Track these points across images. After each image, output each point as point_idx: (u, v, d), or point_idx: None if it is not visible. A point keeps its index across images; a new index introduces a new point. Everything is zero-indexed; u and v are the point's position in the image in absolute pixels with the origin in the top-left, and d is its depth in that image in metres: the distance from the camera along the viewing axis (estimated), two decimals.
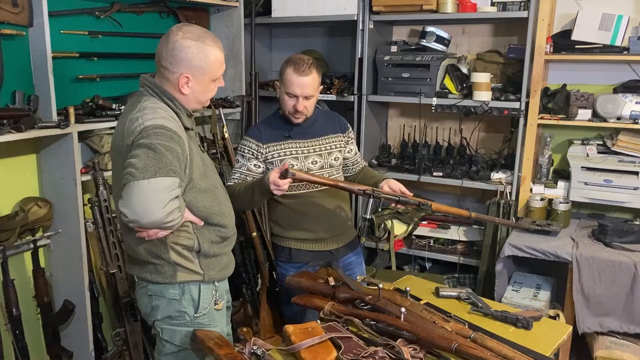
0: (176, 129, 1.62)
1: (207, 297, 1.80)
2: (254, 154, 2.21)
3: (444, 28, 3.23)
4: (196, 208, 1.72)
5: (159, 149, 1.53)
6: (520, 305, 2.64)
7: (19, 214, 2.32)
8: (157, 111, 1.64)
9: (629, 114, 2.80)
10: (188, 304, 1.77)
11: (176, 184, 1.54)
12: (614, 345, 2.60)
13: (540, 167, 3.11)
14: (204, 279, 1.78)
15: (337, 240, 2.33)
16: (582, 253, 2.60)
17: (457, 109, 3.09)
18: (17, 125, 2.11)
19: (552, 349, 1.74)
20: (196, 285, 1.77)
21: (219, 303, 1.84)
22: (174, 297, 1.76)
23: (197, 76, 1.69)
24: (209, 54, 1.68)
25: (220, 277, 1.84)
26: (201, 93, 1.73)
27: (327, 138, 2.29)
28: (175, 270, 1.73)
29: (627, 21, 2.80)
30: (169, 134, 1.58)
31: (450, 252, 3.24)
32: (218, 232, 1.79)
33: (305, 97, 2.14)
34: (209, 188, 1.77)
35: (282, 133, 2.22)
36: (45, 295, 2.44)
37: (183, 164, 1.62)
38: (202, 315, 1.79)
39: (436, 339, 1.61)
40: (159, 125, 1.58)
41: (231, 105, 3.27)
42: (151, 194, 1.48)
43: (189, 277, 1.75)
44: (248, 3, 3.40)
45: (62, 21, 2.52)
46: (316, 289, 1.99)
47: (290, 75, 2.12)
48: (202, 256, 1.77)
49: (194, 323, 1.78)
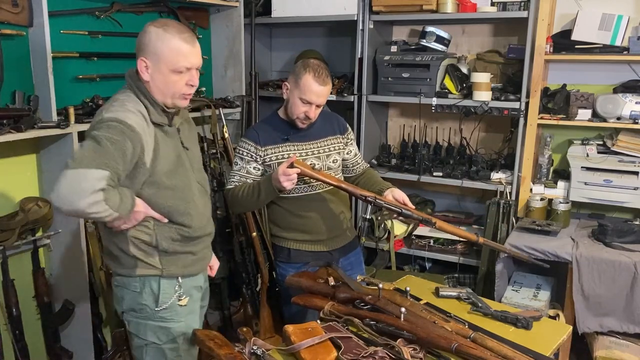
0: (134, 123, 1.62)
1: (169, 291, 1.81)
2: (252, 157, 2.20)
3: (444, 28, 3.23)
4: (155, 204, 1.73)
5: (102, 142, 1.54)
6: (520, 305, 2.63)
7: (19, 214, 2.32)
8: (124, 104, 1.65)
9: (628, 114, 2.80)
10: (148, 297, 1.79)
11: (105, 178, 1.51)
12: (614, 345, 2.60)
13: (540, 167, 3.11)
14: (163, 274, 1.79)
15: (336, 241, 2.32)
16: (582, 253, 2.60)
17: (457, 109, 3.09)
18: (17, 125, 2.11)
19: (552, 349, 1.74)
20: (156, 280, 1.79)
21: (183, 299, 1.83)
22: (135, 289, 1.79)
23: (154, 63, 1.67)
24: (168, 41, 1.65)
25: (183, 273, 1.84)
26: (161, 83, 1.69)
27: (326, 140, 2.28)
28: (135, 263, 1.77)
29: (627, 21, 2.80)
30: (120, 128, 1.58)
31: (450, 252, 3.24)
32: (180, 230, 1.79)
33: (318, 105, 2.15)
34: (176, 186, 1.76)
35: (281, 135, 2.21)
36: (45, 295, 2.43)
37: (131, 159, 1.61)
38: (164, 310, 1.80)
39: (436, 339, 1.61)
40: (114, 118, 1.60)
41: (231, 105, 3.27)
42: (76, 184, 1.48)
43: (148, 271, 1.78)
44: (248, 3, 3.40)
45: (62, 21, 2.51)
46: (316, 289, 1.99)
47: (309, 82, 2.09)
48: (161, 252, 1.78)
49: (156, 317, 1.80)
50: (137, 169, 1.66)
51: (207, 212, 1.92)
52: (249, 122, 3.37)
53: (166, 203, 1.74)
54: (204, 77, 3.35)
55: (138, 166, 1.65)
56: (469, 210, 3.52)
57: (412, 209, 2.13)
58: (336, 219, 2.30)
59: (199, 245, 1.88)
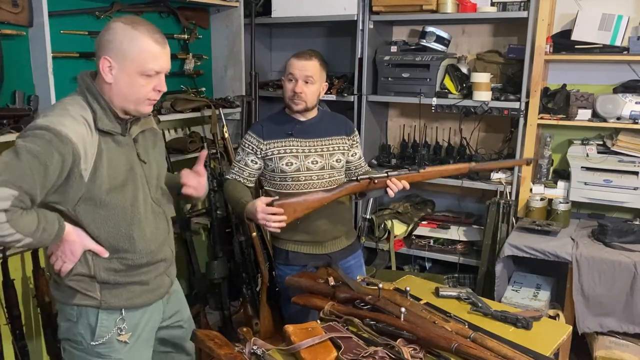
0: (70, 132, 1.42)
1: (107, 325, 1.61)
2: (253, 150, 2.22)
3: (444, 28, 3.23)
4: (91, 223, 1.54)
5: (21, 155, 1.36)
6: (520, 305, 2.63)
7: None
8: (66, 108, 1.48)
9: (628, 114, 2.80)
10: (85, 329, 1.60)
11: (10, 198, 1.33)
12: (614, 345, 2.59)
13: (540, 167, 3.11)
14: (102, 306, 1.60)
15: (335, 243, 2.30)
16: (582, 253, 2.60)
17: (457, 109, 3.09)
18: (17, 125, 2.12)
19: (552, 349, 1.74)
20: (94, 312, 1.60)
21: (123, 335, 1.62)
22: (71, 318, 1.61)
23: (119, 62, 1.48)
24: (137, 41, 1.48)
25: (128, 305, 1.63)
26: (126, 86, 1.51)
27: (330, 139, 2.27)
28: (72, 292, 1.59)
29: (627, 21, 2.80)
30: (48, 137, 1.39)
31: (450, 252, 3.24)
32: (121, 259, 1.60)
33: (305, 82, 2.15)
34: (117, 204, 1.55)
35: (285, 130, 2.22)
36: (46, 295, 2.43)
37: (59, 173, 1.42)
38: (100, 345, 1.60)
39: (436, 339, 1.61)
40: (45, 125, 1.41)
41: (231, 105, 3.27)
42: None
43: (85, 302, 1.59)
44: (248, 3, 3.40)
45: (62, 21, 2.52)
46: (316, 289, 1.99)
47: (290, 61, 2.18)
48: (101, 283, 1.60)
49: (92, 352, 1.61)
50: (70, 182, 1.46)
51: (160, 235, 1.69)
52: (249, 122, 3.37)
53: (104, 223, 1.55)
54: (204, 77, 3.35)
55: (71, 179, 1.45)
56: (469, 210, 3.52)
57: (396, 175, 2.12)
58: (335, 221, 2.28)
59: (150, 273, 1.67)
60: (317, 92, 2.20)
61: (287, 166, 2.19)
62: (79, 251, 1.55)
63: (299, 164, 2.20)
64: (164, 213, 1.72)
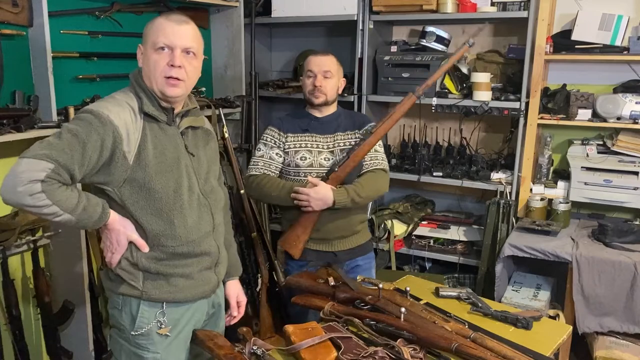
0: (111, 114, 1.51)
1: (147, 317, 1.62)
2: (276, 143, 2.27)
3: (444, 28, 3.23)
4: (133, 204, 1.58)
5: (63, 134, 1.47)
6: (520, 305, 2.64)
7: (19, 214, 2.32)
8: (112, 97, 1.60)
9: (628, 114, 2.80)
10: (127, 318, 1.64)
11: (46, 170, 1.40)
12: (614, 345, 2.59)
13: (540, 167, 3.10)
14: (143, 297, 1.62)
15: (341, 242, 2.28)
16: (582, 253, 2.60)
17: (457, 109, 3.09)
18: (17, 125, 2.11)
19: (552, 349, 1.74)
20: (136, 302, 1.63)
21: (163, 328, 1.63)
22: (117, 306, 1.65)
23: (144, 44, 1.60)
24: (155, 22, 1.59)
25: (170, 299, 1.64)
26: (146, 64, 1.59)
27: (343, 135, 2.28)
28: (118, 280, 1.63)
29: (627, 21, 2.80)
30: (89, 119, 1.49)
31: (450, 252, 3.24)
32: (162, 247, 1.61)
33: (324, 76, 2.21)
34: (160, 188, 1.58)
35: (301, 125, 2.27)
36: (45, 295, 2.43)
37: (100, 152, 1.49)
38: (140, 335, 1.63)
39: (436, 339, 1.61)
40: (89, 109, 1.52)
41: (231, 105, 3.27)
42: (17, 172, 1.40)
43: (128, 291, 1.62)
44: (248, 3, 3.40)
45: (62, 21, 2.52)
46: (316, 289, 1.99)
47: (308, 59, 2.27)
48: (143, 272, 1.62)
49: (132, 342, 1.64)
50: (114, 163, 1.52)
51: (203, 227, 1.67)
52: (249, 122, 3.37)
53: (147, 205, 1.58)
54: (204, 77, 3.34)
55: (114, 160, 1.52)
56: (469, 210, 3.52)
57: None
58: (345, 219, 2.25)
59: (193, 266, 1.67)
60: (335, 87, 2.27)
61: (302, 160, 2.23)
62: (124, 241, 1.59)
63: (312, 159, 2.22)
64: (209, 206, 1.71)
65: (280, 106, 4.05)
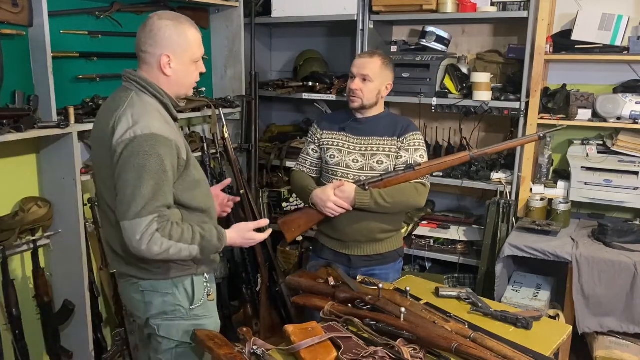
0: (165, 132, 1.61)
1: (200, 289, 1.81)
2: (312, 139, 2.34)
3: (444, 28, 3.23)
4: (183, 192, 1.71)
5: (143, 179, 1.56)
6: (520, 305, 2.63)
7: (18, 214, 2.32)
8: (146, 108, 1.63)
9: (629, 114, 2.80)
10: (183, 298, 1.77)
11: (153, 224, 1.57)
12: (614, 345, 2.59)
13: (540, 167, 3.10)
14: (197, 272, 1.79)
15: (358, 248, 2.25)
16: (582, 253, 2.60)
17: (457, 109, 3.09)
18: (17, 125, 2.11)
19: (552, 349, 1.74)
20: (189, 279, 1.78)
21: (211, 294, 1.86)
22: (167, 291, 1.76)
23: (177, 55, 1.68)
24: (187, 32, 1.69)
25: (209, 269, 1.87)
26: (183, 75, 1.71)
27: (378, 140, 2.22)
28: (168, 267, 1.73)
29: (627, 21, 2.80)
30: (154, 149, 1.57)
31: (450, 252, 3.24)
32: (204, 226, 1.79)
33: (363, 80, 2.17)
34: (201, 178, 1.79)
35: (339, 124, 2.29)
36: (45, 295, 2.43)
37: (175, 170, 1.65)
38: (198, 307, 1.80)
39: (436, 339, 1.61)
40: (150, 134, 1.57)
41: (231, 105, 3.27)
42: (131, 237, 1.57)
43: (182, 272, 1.76)
44: (248, 3, 3.40)
45: (62, 21, 2.51)
46: (316, 289, 1.99)
47: (354, 59, 2.25)
48: None
49: (190, 316, 1.79)
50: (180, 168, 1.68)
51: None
52: (249, 122, 3.37)
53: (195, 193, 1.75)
54: (204, 77, 3.34)
55: (180, 166, 1.68)
56: (469, 210, 3.52)
57: None
58: (366, 225, 2.21)
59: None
60: (375, 91, 2.19)
61: (331, 158, 2.26)
62: (249, 236, 1.85)
63: (339, 159, 2.23)
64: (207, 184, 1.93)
65: (280, 106, 4.05)
